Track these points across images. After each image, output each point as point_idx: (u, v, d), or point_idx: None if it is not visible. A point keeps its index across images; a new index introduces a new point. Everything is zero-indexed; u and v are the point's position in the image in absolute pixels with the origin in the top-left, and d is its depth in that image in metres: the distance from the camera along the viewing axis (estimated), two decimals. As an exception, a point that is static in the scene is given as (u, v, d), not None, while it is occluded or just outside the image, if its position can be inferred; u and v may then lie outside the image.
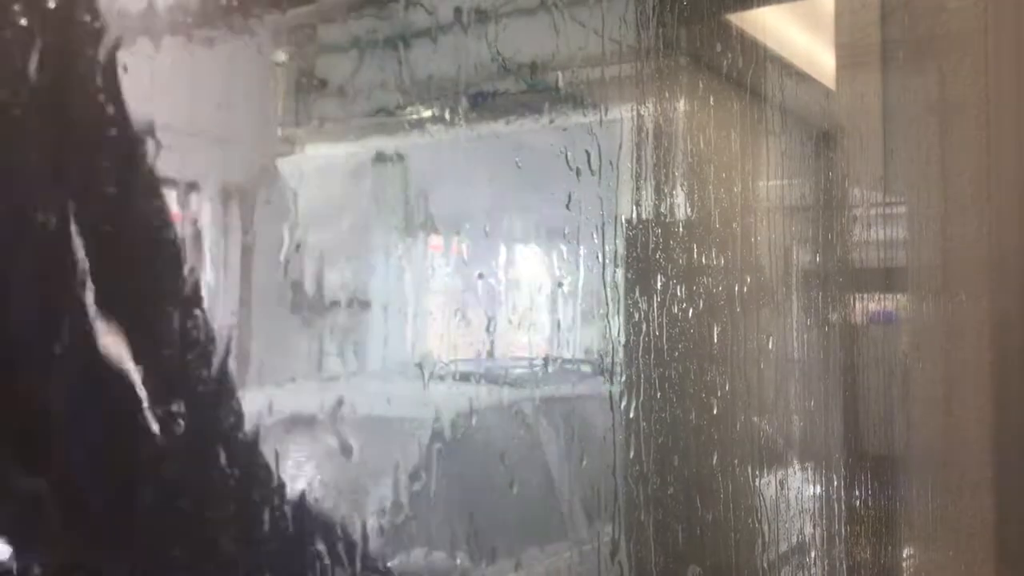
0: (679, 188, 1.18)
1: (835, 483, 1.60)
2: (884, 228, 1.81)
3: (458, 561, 0.91)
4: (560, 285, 1.06)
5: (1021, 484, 1.51)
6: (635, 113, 1.13)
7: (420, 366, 0.84)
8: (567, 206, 1.01)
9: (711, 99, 1.27)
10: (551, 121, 1.03)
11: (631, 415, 1.07)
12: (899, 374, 1.86)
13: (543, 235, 1.08)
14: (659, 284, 1.13)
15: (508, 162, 0.97)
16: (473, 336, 0.92)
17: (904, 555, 1.81)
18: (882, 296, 1.86)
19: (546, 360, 1.02)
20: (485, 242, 0.95)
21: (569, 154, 1.00)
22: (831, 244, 1.64)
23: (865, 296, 1.78)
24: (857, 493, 1.64)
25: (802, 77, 1.67)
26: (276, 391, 0.70)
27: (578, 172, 1.00)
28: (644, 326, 1.10)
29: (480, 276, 0.94)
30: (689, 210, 1.21)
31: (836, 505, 1.58)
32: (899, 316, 1.89)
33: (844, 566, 1.62)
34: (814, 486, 1.54)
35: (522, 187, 1.04)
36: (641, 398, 1.09)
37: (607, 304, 1.06)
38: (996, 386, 1.55)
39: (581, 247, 1.04)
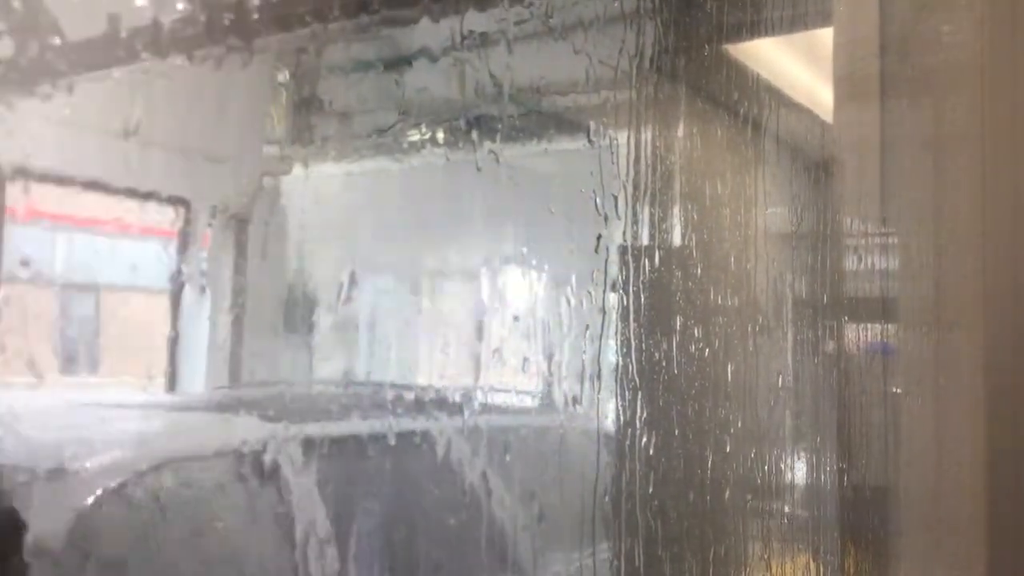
0: (666, 216, 1.18)
1: (824, 512, 1.59)
2: (878, 260, 1.81)
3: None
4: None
5: (1014, 520, 1.50)
6: (631, 140, 1.14)
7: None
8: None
9: (705, 127, 1.28)
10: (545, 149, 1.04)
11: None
12: (891, 406, 1.85)
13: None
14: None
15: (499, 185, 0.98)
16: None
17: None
18: (875, 328, 1.86)
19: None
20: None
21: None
22: (824, 274, 1.64)
23: (857, 327, 1.78)
24: (847, 523, 1.64)
25: (799, 109, 1.68)
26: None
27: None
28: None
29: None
30: (678, 238, 1.21)
31: (825, 536, 1.57)
32: (892, 348, 1.89)
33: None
34: (799, 515, 1.54)
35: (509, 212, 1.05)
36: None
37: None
38: (989, 421, 1.55)
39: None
